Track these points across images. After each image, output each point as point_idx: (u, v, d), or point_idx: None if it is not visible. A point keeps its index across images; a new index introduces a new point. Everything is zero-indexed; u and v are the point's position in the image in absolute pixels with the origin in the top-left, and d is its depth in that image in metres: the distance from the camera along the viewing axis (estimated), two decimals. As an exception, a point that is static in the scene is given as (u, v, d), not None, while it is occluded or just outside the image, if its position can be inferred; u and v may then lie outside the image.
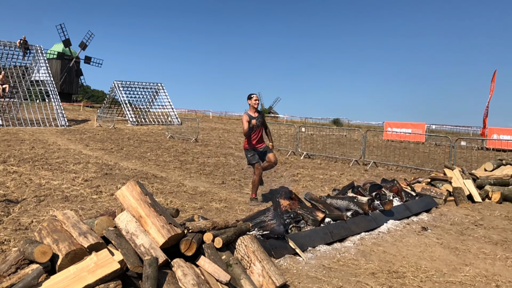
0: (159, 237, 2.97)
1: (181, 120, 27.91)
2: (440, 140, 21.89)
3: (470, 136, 29.14)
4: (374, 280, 3.70)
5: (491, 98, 21.04)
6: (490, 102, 21.15)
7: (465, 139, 19.93)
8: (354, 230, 5.14)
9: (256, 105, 6.56)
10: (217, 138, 19.05)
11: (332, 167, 11.61)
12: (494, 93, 20.82)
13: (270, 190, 7.73)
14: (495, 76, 20.20)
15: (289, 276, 3.66)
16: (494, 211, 6.85)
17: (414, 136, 22.44)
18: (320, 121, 50.46)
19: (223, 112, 63.08)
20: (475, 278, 3.93)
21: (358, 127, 35.53)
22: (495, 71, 20.34)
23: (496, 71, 20.54)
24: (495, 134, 20.46)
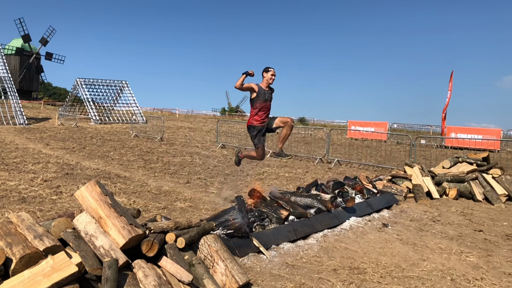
0: (119, 238, 2.92)
1: (146, 119, 27.47)
2: (401, 138, 22.56)
3: (431, 135, 30.20)
4: (336, 277, 3.78)
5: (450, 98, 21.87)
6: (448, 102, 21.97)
7: (425, 138, 20.64)
8: (317, 228, 5.22)
9: (271, 80, 5.91)
10: (183, 137, 18.88)
11: (297, 165, 11.75)
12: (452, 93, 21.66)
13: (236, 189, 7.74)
14: (452, 76, 20.99)
15: (252, 275, 3.69)
16: (451, 207, 7.14)
17: (377, 135, 23.04)
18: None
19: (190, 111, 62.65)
20: (431, 272, 4.08)
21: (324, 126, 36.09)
22: (452, 72, 21.16)
23: (453, 72, 21.36)
24: (453, 132, 21.30)
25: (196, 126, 27.61)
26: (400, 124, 36.26)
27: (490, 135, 20.74)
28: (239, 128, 23.42)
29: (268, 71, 5.86)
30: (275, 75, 5.90)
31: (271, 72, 5.85)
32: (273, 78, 5.89)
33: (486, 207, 7.42)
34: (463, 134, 20.87)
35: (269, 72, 5.86)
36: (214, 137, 18.72)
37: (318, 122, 49.17)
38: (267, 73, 5.87)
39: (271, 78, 5.88)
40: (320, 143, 18.68)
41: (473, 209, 7.14)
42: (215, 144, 16.19)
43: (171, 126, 26.04)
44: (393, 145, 20.79)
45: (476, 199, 7.79)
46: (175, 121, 33.94)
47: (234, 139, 18.04)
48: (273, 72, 5.86)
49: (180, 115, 49.96)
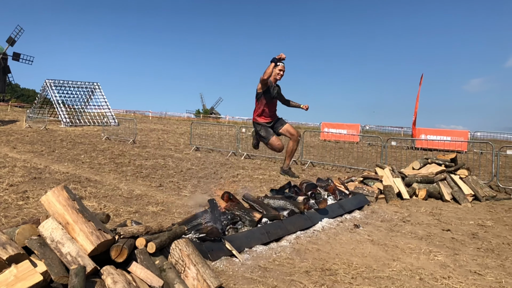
0: (87, 244, 2.85)
1: (118, 121, 27.00)
2: (373, 140, 22.97)
3: (401, 136, 30.87)
4: (308, 279, 3.81)
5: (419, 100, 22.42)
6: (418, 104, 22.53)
7: (396, 139, 21.08)
8: (290, 229, 5.25)
9: (279, 76, 5.40)
10: (156, 140, 18.64)
11: (271, 168, 11.79)
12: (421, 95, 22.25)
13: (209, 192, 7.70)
14: (422, 79, 21.54)
15: (224, 278, 3.67)
16: (420, 207, 7.31)
17: (349, 137, 23.39)
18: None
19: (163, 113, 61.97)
20: (401, 272, 4.16)
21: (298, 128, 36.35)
22: (422, 75, 21.71)
23: (423, 75, 21.93)
24: (423, 134, 21.85)
25: (169, 129, 27.32)
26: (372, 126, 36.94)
27: (458, 137, 21.38)
28: (213, 130, 23.35)
29: (277, 65, 5.33)
30: (284, 71, 5.36)
31: (280, 67, 5.32)
32: (281, 74, 5.37)
33: (454, 206, 7.63)
34: (433, 136, 21.44)
35: (277, 67, 5.33)
36: (188, 139, 18.58)
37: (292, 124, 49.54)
38: (275, 67, 5.36)
39: (279, 74, 5.37)
40: (294, 145, 18.80)
41: (441, 209, 7.33)
42: (188, 146, 16.06)
43: (143, 128, 25.69)
44: (365, 146, 21.15)
45: (444, 199, 8.00)
46: (148, 123, 33.52)
47: (208, 141, 17.95)
48: (282, 67, 5.33)
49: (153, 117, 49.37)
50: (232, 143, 17.45)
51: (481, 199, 8.09)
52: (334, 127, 25.35)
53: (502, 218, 6.87)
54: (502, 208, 7.63)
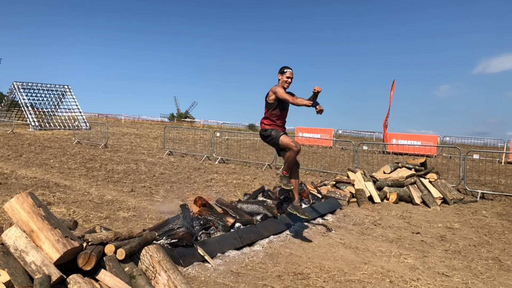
0: (53, 253, 2.76)
1: (90, 125, 26.44)
2: (345, 144, 23.30)
3: (374, 141, 31.43)
4: (280, 283, 3.81)
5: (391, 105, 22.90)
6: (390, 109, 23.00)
7: (367, 144, 21.44)
8: (263, 234, 5.25)
9: (287, 84, 5.04)
10: (129, 144, 18.34)
11: (245, 172, 11.78)
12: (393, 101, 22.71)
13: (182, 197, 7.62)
14: (394, 85, 22.01)
15: (196, 284, 3.63)
16: (391, 211, 7.45)
17: (323, 141, 23.65)
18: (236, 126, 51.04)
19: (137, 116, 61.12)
20: (372, 275, 4.22)
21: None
22: (393, 81, 22.18)
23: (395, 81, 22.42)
24: (394, 139, 22.32)
25: (142, 133, 26.94)
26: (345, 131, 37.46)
27: (428, 141, 21.94)
28: (187, 134, 23.19)
29: (284, 72, 5.03)
30: (292, 78, 5.03)
31: (287, 74, 5.00)
32: (289, 81, 5.03)
33: (424, 210, 7.81)
34: (403, 140, 21.93)
35: (284, 74, 5.02)
36: (161, 143, 18.37)
37: (267, 128, 49.71)
38: (282, 74, 5.05)
39: (287, 82, 5.02)
40: (269, 149, 18.84)
41: (411, 212, 7.49)
42: (162, 151, 15.87)
43: (116, 132, 25.25)
44: (338, 150, 21.41)
45: (414, 202, 8.18)
46: (120, 127, 32.96)
47: (182, 145, 17.79)
48: (289, 74, 5.01)
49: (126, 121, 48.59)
50: (207, 147, 17.35)
51: (450, 202, 8.32)
52: (308, 132, 25.59)
53: (468, 220, 7.08)
54: (469, 211, 7.86)
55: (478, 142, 28.00)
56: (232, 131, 25.60)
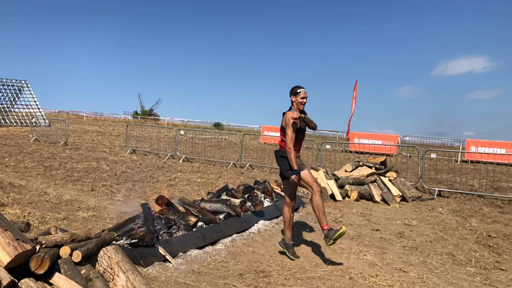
0: (4, 256, 2.65)
1: (49, 122, 25.49)
2: (310, 143, 23.58)
3: (337, 140, 32.03)
4: (242, 281, 3.82)
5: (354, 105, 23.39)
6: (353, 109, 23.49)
7: (330, 143, 21.82)
8: (226, 232, 5.24)
9: (303, 106, 4.70)
10: (90, 141, 17.83)
11: (210, 171, 11.71)
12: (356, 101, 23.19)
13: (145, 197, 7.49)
14: (357, 85, 22.50)
15: (157, 285, 3.58)
16: (352, 208, 7.61)
17: (289, 139, 23.84)
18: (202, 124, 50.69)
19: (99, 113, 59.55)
20: (332, 272, 4.30)
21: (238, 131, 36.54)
22: (356, 82, 22.68)
23: (357, 81, 22.92)
24: (356, 138, 22.83)
25: (105, 130, 26.26)
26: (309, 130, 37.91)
27: (389, 141, 22.58)
28: (151, 132, 22.81)
29: (298, 93, 4.65)
30: (306, 98, 4.69)
31: (302, 95, 4.64)
32: (305, 101, 4.68)
33: (383, 207, 8.03)
34: (365, 140, 22.48)
35: (298, 95, 4.64)
36: (123, 141, 17.98)
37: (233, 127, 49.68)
38: (296, 96, 4.66)
39: (302, 103, 4.66)
40: (234, 148, 18.84)
41: (371, 209, 7.68)
42: (124, 149, 15.53)
43: (77, 129, 24.49)
44: (302, 149, 21.67)
45: (374, 200, 8.40)
46: (82, 124, 32.00)
47: (145, 143, 17.48)
48: (304, 94, 4.65)
49: (88, 118, 47.22)
50: (171, 145, 17.13)
51: (408, 200, 8.60)
52: (274, 131, 25.73)
53: (426, 217, 7.33)
54: (426, 208, 8.15)
55: (436, 142, 29.06)
56: (198, 129, 25.39)
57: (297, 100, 4.66)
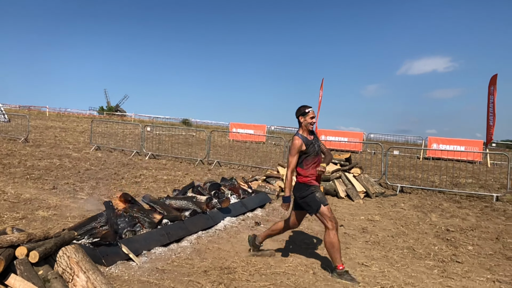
0: (-46, 257, 2.53)
1: (9, 117, 24.50)
2: (278, 140, 23.75)
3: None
4: (206, 278, 3.81)
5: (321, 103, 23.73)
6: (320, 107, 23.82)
7: (299, 139, 22.03)
8: (191, 230, 5.21)
9: (312, 126, 4.45)
10: (52, 138, 17.26)
11: (177, 168, 11.59)
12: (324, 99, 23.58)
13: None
14: (323, 83, 22.82)
15: (119, 284, 3.52)
16: (318, 203, 7.72)
17: (256, 137, 23.95)
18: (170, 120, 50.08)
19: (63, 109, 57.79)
20: (296, 267, 4.36)
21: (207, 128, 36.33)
22: (322, 80, 23.01)
23: (324, 79, 23.26)
24: (323, 135, 23.17)
25: (68, 126, 25.51)
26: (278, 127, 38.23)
27: (354, 138, 23.05)
28: (117, 129, 22.33)
29: (306, 113, 4.39)
30: (315, 116, 4.47)
31: (311, 115, 4.39)
32: (314, 121, 4.46)
33: (348, 203, 8.20)
34: (331, 137, 22.85)
35: (307, 115, 4.38)
36: (88, 138, 17.51)
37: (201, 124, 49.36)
38: (304, 116, 4.39)
39: (311, 123, 4.43)
40: (202, 145, 18.72)
41: (336, 205, 7.83)
42: (89, 145, 15.13)
43: (39, 125, 23.67)
44: (270, 146, 21.81)
45: (339, 196, 8.56)
46: (44, 120, 30.95)
47: (111, 140, 17.10)
48: (312, 114, 4.41)
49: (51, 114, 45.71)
50: (137, 142, 16.84)
51: (372, 196, 8.81)
52: (242, 127, 25.75)
53: (388, 213, 7.54)
54: (389, 204, 8.38)
55: (400, 139, 29.87)
56: (165, 126, 25.03)
57: (306, 120, 4.38)
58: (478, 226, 6.86)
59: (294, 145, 4.29)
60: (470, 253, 5.34)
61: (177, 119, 50.88)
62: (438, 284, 4.14)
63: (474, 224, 6.94)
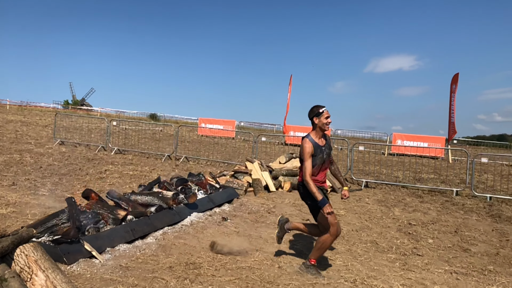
0: None
1: (-35, 110, 23.40)
2: (247, 136, 23.82)
3: (274, 133, 32.56)
4: (171, 274, 3.78)
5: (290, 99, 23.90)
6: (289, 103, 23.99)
7: (266, 135, 22.16)
8: (157, 226, 5.16)
9: (327, 127, 4.16)
10: (13, 132, 16.62)
11: (144, 163, 11.42)
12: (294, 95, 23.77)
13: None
14: (292, 80, 23.01)
15: (80, 282, 3.45)
16: (285, 199, 7.81)
17: (226, 132, 23.91)
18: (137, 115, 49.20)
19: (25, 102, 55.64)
20: (262, 261, 4.39)
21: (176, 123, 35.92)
22: (291, 76, 23.19)
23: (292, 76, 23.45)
24: (292, 131, 23.38)
25: (31, 120, 24.61)
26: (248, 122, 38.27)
27: (323, 133, 23.35)
28: (82, 123, 21.73)
29: (320, 114, 4.10)
30: (330, 116, 4.16)
31: (325, 114, 4.11)
32: (329, 121, 4.16)
33: (314, 197, 8.30)
34: (300, 133, 23.08)
35: (322, 115, 4.10)
36: (51, 132, 16.97)
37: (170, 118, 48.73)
38: (319, 117, 4.11)
39: (327, 124, 4.14)
40: (170, 140, 18.50)
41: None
42: (52, 140, 14.67)
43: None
44: (240, 142, 21.81)
45: (306, 191, 8.66)
46: (4, 113, 29.72)
47: (75, 134, 16.63)
48: (327, 114, 4.13)
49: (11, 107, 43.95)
50: (102, 137, 16.46)
51: (337, 191, 8.97)
52: (211, 123, 25.62)
53: (353, 207, 7.71)
54: (354, 198, 8.57)
55: (366, 136, 30.50)
56: (132, 121, 24.59)
57: (321, 121, 4.10)
58: (439, 220, 7.11)
59: (305, 150, 4.03)
60: (430, 246, 5.54)
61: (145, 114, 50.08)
62: (399, 276, 4.28)
63: (435, 218, 7.19)
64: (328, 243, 4.09)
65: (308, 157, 4.04)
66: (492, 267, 4.78)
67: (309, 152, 4.04)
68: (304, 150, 4.06)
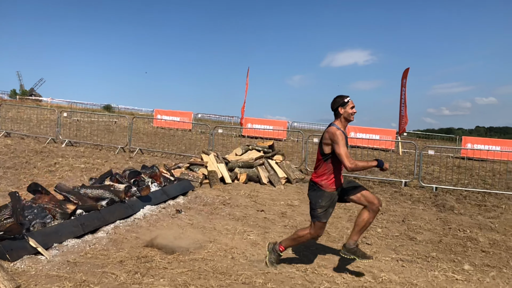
0: None
1: None
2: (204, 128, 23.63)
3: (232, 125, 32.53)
4: (121, 268, 3.72)
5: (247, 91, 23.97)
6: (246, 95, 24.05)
7: (223, 127, 22.14)
8: (108, 219, 5.04)
9: (353, 117, 3.97)
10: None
11: (96, 155, 11.07)
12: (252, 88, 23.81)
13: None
14: (249, 72, 23.08)
15: (25, 279, 3.31)
16: (240, 190, 7.84)
17: (183, 124, 23.61)
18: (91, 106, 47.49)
19: (-34, 92, 52.25)
20: (216, 253, 4.40)
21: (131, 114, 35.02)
22: (248, 68, 23.25)
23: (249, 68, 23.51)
24: (249, 123, 23.45)
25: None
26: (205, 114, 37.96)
27: (279, 126, 23.60)
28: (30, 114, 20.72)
29: (346, 103, 3.90)
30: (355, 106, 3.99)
31: (351, 104, 3.92)
32: (355, 111, 3.97)
33: (270, 189, 8.42)
34: (257, 125, 23.21)
35: (347, 105, 3.90)
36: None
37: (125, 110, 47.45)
38: (344, 107, 3.91)
39: (353, 114, 3.95)
40: (124, 132, 18.03)
41: (258, 191, 8.00)
42: (-4, 132, 13.91)
43: None
44: (197, 134, 21.61)
45: (262, 182, 8.75)
46: None
47: (23, 126, 15.85)
48: (353, 104, 3.94)
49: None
50: (52, 128, 15.78)
51: (292, 182, 9.12)
52: (168, 114, 25.21)
53: (307, 198, 7.80)
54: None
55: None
56: (85, 112, 23.72)
57: (347, 111, 3.89)
58: (388, 210, 7.40)
59: (338, 136, 3.78)
60: (379, 235, 5.77)
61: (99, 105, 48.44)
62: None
63: (384, 208, 7.48)
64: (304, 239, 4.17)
65: (344, 143, 3.80)
66: (435, 253, 5.05)
67: (343, 139, 3.82)
68: (337, 137, 3.79)
